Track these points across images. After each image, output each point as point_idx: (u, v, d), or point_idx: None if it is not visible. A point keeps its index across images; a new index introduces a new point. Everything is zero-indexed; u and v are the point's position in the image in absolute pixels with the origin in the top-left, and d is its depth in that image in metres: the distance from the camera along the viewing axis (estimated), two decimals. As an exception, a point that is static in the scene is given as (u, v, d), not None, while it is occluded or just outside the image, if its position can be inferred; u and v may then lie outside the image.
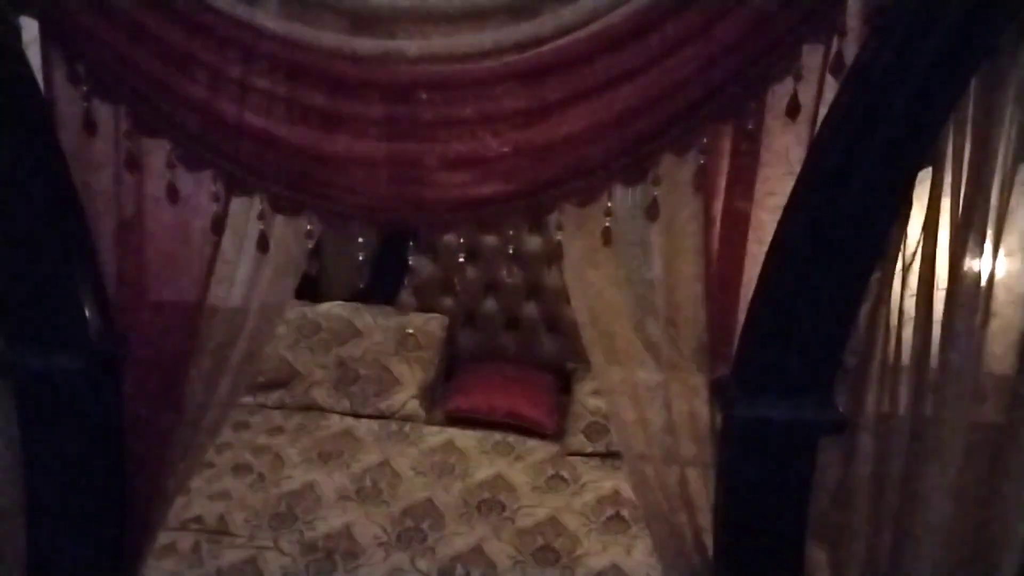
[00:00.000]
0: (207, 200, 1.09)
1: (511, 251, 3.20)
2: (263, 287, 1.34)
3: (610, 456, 2.85)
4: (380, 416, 3.05)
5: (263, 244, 1.08)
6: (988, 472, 1.04)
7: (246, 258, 1.24)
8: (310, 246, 1.11)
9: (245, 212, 1.12)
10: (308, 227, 1.08)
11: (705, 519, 1.34)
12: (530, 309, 3.34)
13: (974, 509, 1.01)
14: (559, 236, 1.27)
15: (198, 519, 2.42)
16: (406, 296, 3.40)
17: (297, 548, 2.32)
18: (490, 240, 3.28)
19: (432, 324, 3.27)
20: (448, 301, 3.38)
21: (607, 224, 1.05)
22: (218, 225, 1.13)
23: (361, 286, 3.03)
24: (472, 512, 2.53)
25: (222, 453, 2.78)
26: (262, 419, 3.01)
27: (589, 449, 2.88)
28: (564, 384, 3.24)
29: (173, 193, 1.08)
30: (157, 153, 1.08)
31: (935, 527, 1.01)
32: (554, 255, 1.19)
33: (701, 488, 1.37)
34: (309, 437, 2.90)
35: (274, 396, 3.11)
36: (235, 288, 1.31)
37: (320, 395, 3.09)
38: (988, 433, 1.03)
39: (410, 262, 3.34)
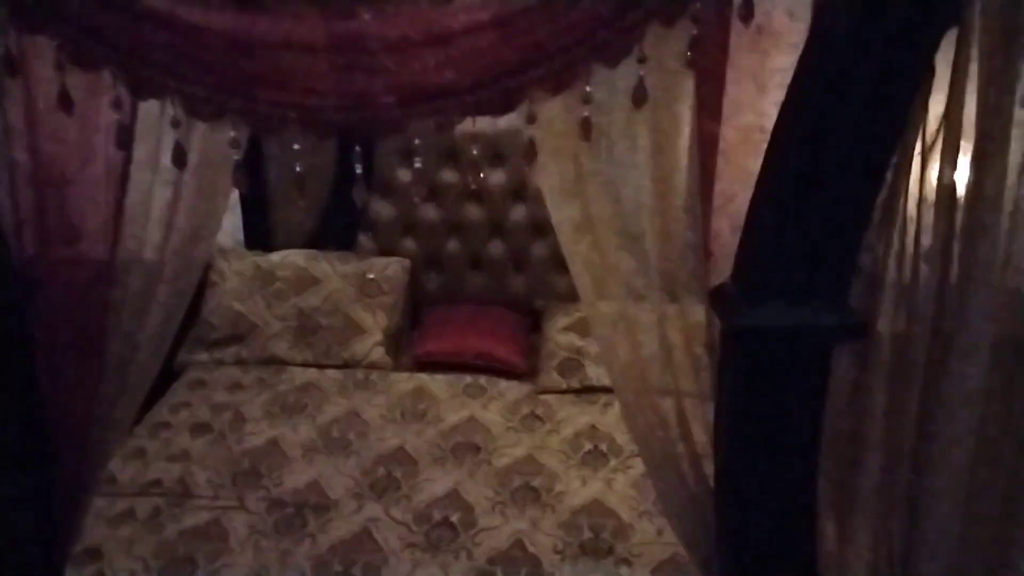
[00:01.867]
0: (108, 109, 0.90)
1: (473, 187, 3.10)
2: (184, 213, 1.15)
3: (584, 392, 2.75)
4: (344, 366, 2.89)
5: (179, 157, 0.90)
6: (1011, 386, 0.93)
7: (161, 182, 1.05)
8: (236, 158, 0.93)
9: (156, 121, 0.93)
10: (232, 134, 0.90)
11: (704, 449, 1.23)
12: (495, 248, 3.18)
13: (999, 419, 0.91)
14: (530, 167, 1.09)
15: (157, 482, 2.26)
16: (364, 240, 3.21)
17: (264, 506, 2.18)
18: (450, 177, 3.09)
19: (393, 268, 3.09)
20: (409, 243, 3.20)
21: (586, 114, 0.89)
22: (124, 137, 0.94)
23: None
24: (446, 456, 2.41)
25: (178, 412, 2.60)
26: (219, 376, 2.82)
27: (563, 386, 2.76)
28: (534, 323, 3.11)
29: (66, 102, 0.89)
30: (44, 55, 0.88)
31: (959, 438, 0.91)
32: (528, 153, 1.01)
33: (700, 418, 1.26)
34: (270, 391, 2.73)
35: (230, 351, 2.92)
36: (151, 218, 1.12)
37: (280, 348, 2.91)
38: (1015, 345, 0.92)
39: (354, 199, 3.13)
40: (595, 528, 2.11)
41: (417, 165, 1.14)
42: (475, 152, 2.73)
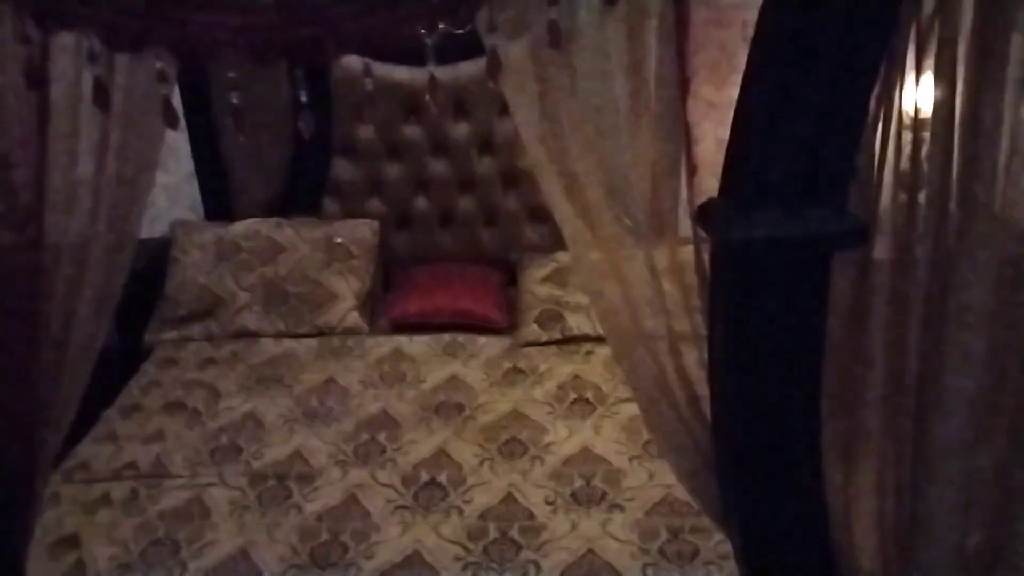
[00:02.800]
0: (15, 44, 0.79)
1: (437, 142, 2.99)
2: (113, 159, 1.05)
3: (566, 342, 2.70)
4: (319, 333, 2.80)
5: (101, 97, 0.80)
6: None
7: (86, 126, 0.95)
8: (164, 93, 0.83)
9: (71, 57, 0.82)
10: (159, 66, 0.80)
11: (703, 389, 1.17)
12: (465, 203, 3.08)
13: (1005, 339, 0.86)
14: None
15: (131, 465, 2.17)
16: (329, 204, 3.09)
17: (245, 480, 2.10)
18: (413, 133, 2.98)
19: (362, 230, 2.99)
20: (376, 204, 3.09)
21: (552, 16, 0.80)
22: (35, 76, 0.83)
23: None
24: (430, 417, 2.35)
25: (149, 393, 2.50)
26: (189, 353, 2.72)
27: (544, 338, 2.71)
28: (509, 277, 3.03)
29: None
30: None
31: (965, 365, 0.86)
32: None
33: (696, 360, 1.20)
34: (244, 365, 2.64)
35: (198, 328, 2.81)
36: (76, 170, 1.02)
37: (250, 320, 2.81)
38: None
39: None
40: (586, 476, 2.08)
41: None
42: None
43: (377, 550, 1.86)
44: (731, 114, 0.88)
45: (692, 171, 0.99)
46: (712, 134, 2.46)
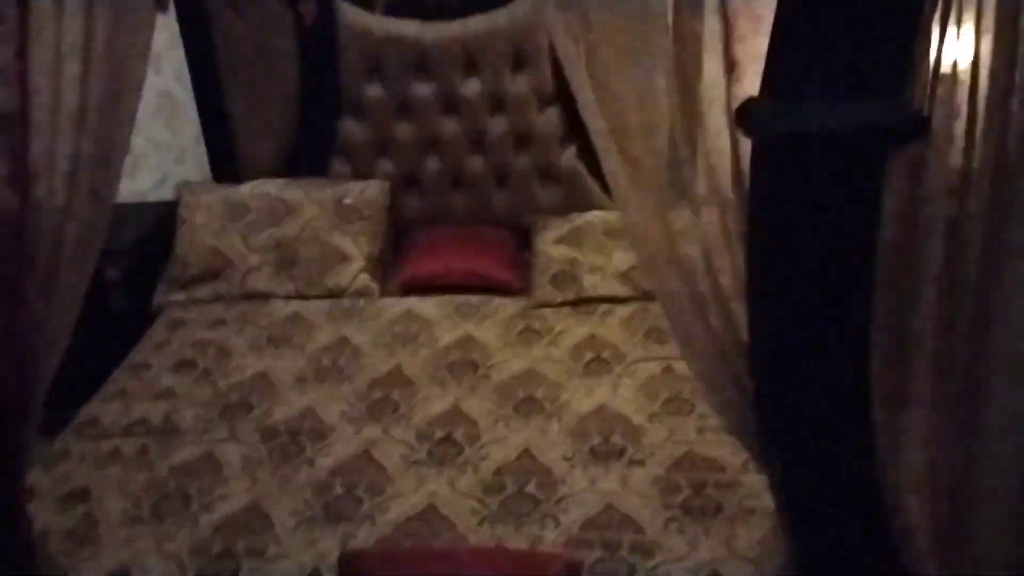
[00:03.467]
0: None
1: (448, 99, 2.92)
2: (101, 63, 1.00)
3: (581, 303, 2.64)
4: (329, 295, 2.75)
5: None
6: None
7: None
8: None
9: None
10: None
11: (738, 307, 1.11)
12: (475, 164, 3.01)
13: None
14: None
15: (141, 421, 2.14)
16: (338, 165, 3.03)
17: (257, 436, 2.07)
18: (423, 90, 2.91)
19: (371, 191, 2.93)
20: (385, 164, 3.03)
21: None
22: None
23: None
24: (444, 375, 2.31)
25: (159, 352, 2.47)
26: (199, 314, 2.68)
27: (559, 299, 2.65)
28: (522, 240, 2.97)
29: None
30: None
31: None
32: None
33: (727, 266, 1.14)
34: (253, 326, 2.60)
35: (207, 289, 2.77)
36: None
37: (259, 281, 2.77)
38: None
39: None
40: (604, 433, 2.04)
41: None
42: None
43: (392, 504, 1.83)
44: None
45: (731, 66, 0.93)
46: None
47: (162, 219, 2.95)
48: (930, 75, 0.79)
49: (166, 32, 2.82)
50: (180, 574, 1.65)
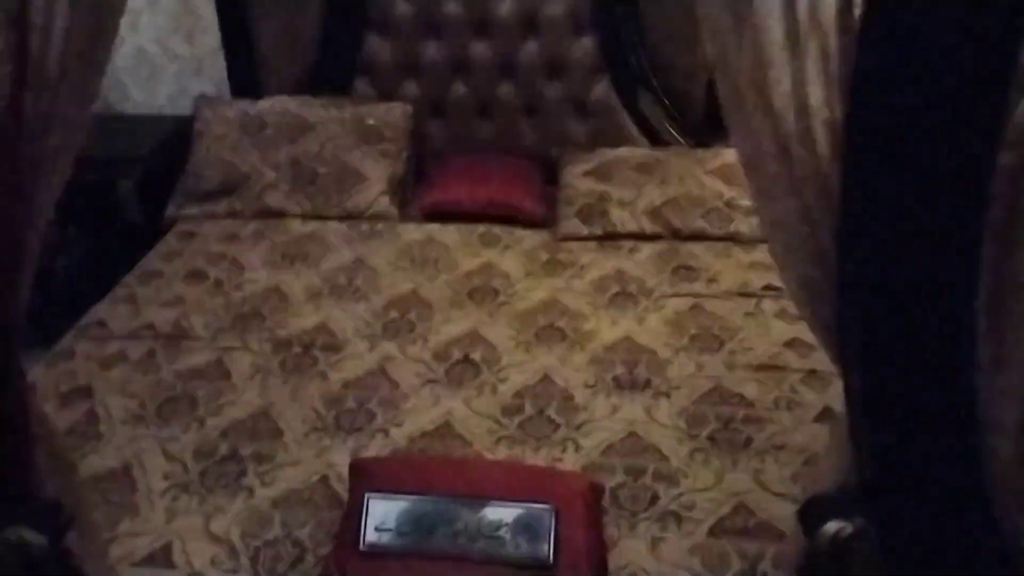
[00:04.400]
0: None
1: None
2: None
3: (607, 239, 2.54)
4: (347, 217, 2.65)
5: None
6: None
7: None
8: None
9: None
10: None
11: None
12: (505, 91, 2.88)
13: None
14: None
15: (149, 326, 2.07)
16: (361, 86, 2.91)
17: (268, 346, 1.99)
18: (454, 8, 2.78)
19: (395, 113, 2.81)
20: (411, 87, 2.90)
21: None
22: None
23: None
24: (463, 300, 2.22)
25: (170, 261, 2.39)
26: (213, 228, 2.59)
27: (584, 232, 2.54)
28: (549, 174, 2.86)
29: None
30: None
31: None
32: None
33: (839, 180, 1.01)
34: (268, 242, 2.51)
35: (222, 204, 2.67)
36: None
37: (275, 198, 2.67)
38: None
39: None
40: (629, 364, 1.95)
41: None
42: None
43: (407, 419, 1.75)
44: None
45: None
46: None
47: (178, 133, 2.86)
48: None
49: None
50: (184, 474, 1.59)
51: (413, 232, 2.59)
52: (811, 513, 0.92)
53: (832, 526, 0.88)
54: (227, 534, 1.44)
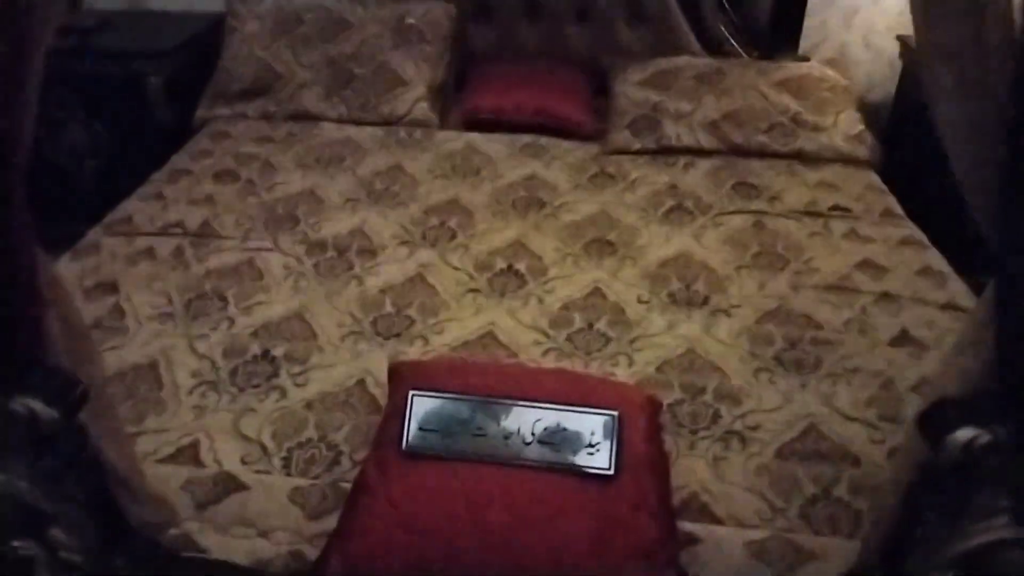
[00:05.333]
0: None
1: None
2: None
3: (661, 153, 2.36)
4: (384, 123, 2.49)
5: None
6: None
7: None
8: None
9: None
10: None
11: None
12: (555, -7, 2.67)
13: None
14: None
15: (178, 224, 1.96)
16: (403, -16, 2.71)
17: (302, 248, 1.88)
18: (504, -102, 2.55)
19: (436, 13, 2.62)
20: (455, -14, 2.70)
21: None
22: None
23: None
24: (507, 210, 2.07)
25: (200, 161, 2.27)
26: (245, 129, 2.45)
27: (636, 146, 2.37)
28: (599, 85, 2.66)
29: None
30: None
31: None
32: None
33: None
34: (302, 145, 2.37)
35: (255, 105, 2.53)
36: None
37: (310, 100, 2.52)
38: None
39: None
40: (685, 280, 1.80)
41: None
42: None
43: (447, 327, 1.63)
44: None
45: None
46: None
47: (210, 29, 2.70)
48: None
49: None
50: (213, 372, 1.49)
51: (453, 141, 2.43)
52: (937, 419, 0.79)
53: (964, 433, 0.75)
54: (258, 434, 1.35)
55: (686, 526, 1.18)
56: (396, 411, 1.18)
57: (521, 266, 1.84)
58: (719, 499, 1.25)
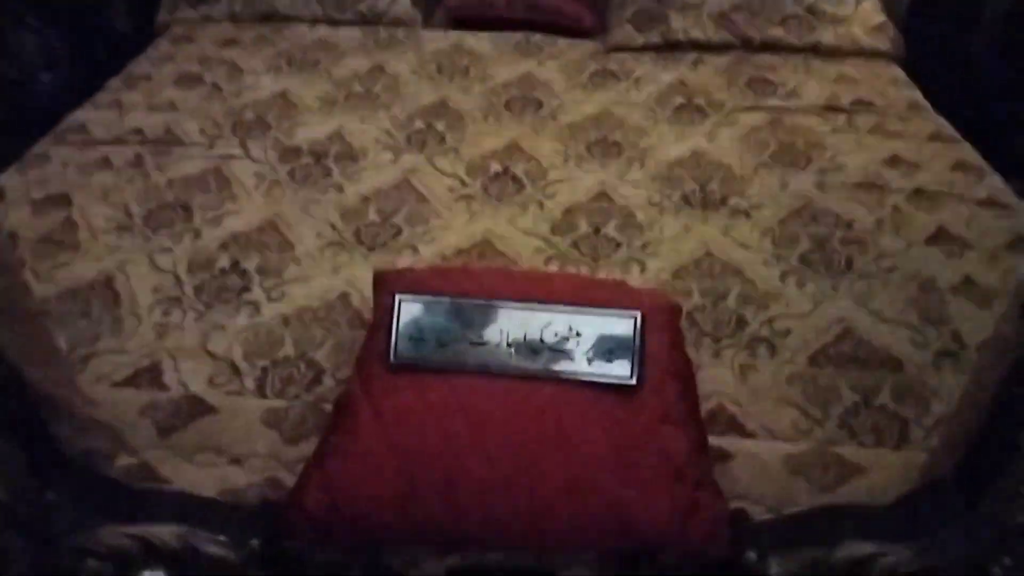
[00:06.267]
0: None
1: None
2: None
3: (666, 49, 2.14)
4: (363, 22, 2.25)
5: None
6: None
7: None
8: None
9: None
10: None
11: None
12: None
13: None
14: None
15: (137, 131, 1.75)
16: None
17: (275, 155, 1.68)
18: None
19: (418, -102, 2.35)
20: None
21: None
22: None
23: None
24: (500, 112, 1.87)
25: (161, 66, 2.03)
26: (210, 32, 2.21)
27: (639, 41, 2.15)
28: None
29: None
30: None
31: None
32: None
33: None
34: (272, 48, 2.13)
35: (220, 6, 2.27)
36: None
37: (280, 0, 2.27)
38: None
39: None
40: (699, 180, 1.62)
41: None
42: None
43: (439, 235, 1.46)
44: None
45: None
46: None
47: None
48: None
49: None
50: (176, 288, 1.32)
51: (439, 40, 2.19)
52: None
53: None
54: (228, 353, 1.19)
55: (714, 441, 1.04)
56: (382, 321, 1.02)
57: (518, 170, 1.65)
58: (749, 411, 1.10)
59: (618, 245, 1.44)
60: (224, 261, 1.37)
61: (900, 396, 1.12)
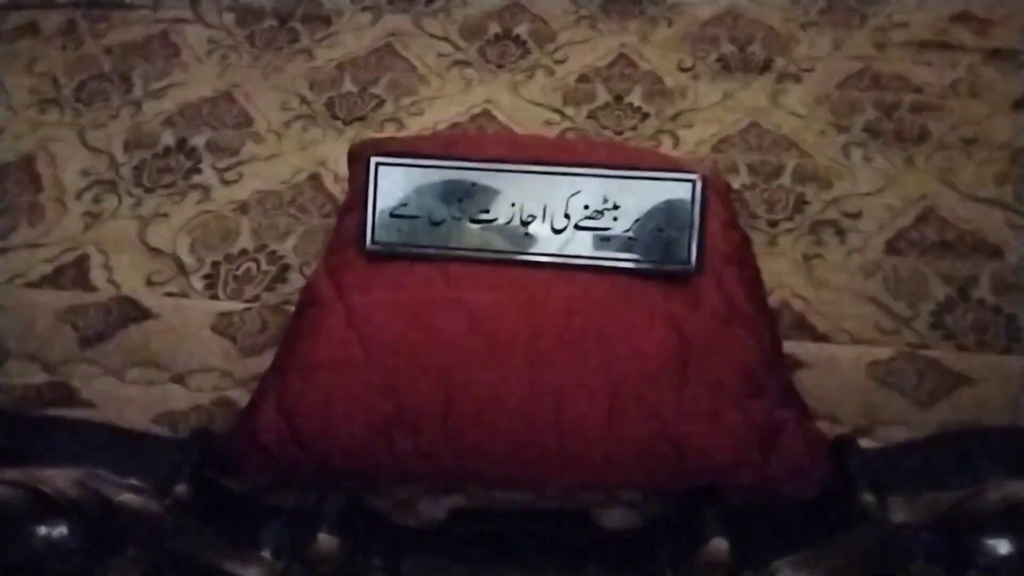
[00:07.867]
0: None
1: None
2: None
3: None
4: None
5: None
6: None
7: None
8: None
9: None
10: None
11: None
12: None
13: None
14: None
15: (66, -8, 1.44)
16: None
17: (231, 18, 1.39)
18: None
19: None
20: None
21: None
22: None
23: None
24: (498, -32, 1.56)
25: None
26: None
27: None
28: None
29: None
30: None
31: None
32: None
33: None
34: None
35: None
36: None
37: None
38: None
39: None
40: (738, 41, 1.34)
41: None
42: None
43: (429, 106, 1.19)
44: None
45: None
46: None
47: None
48: None
49: None
50: (111, 170, 1.06)
51: None
52: None
53: None
54: (172, 246, 0.95)
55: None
56: (356, 199, 0.77)
57: (521, 31, 1.36)
58: (819, 309, 0.87)
59: (645, 116, 1.18)
60: (169, 138, 1.11)
61: (1003, 288, 0.89)
